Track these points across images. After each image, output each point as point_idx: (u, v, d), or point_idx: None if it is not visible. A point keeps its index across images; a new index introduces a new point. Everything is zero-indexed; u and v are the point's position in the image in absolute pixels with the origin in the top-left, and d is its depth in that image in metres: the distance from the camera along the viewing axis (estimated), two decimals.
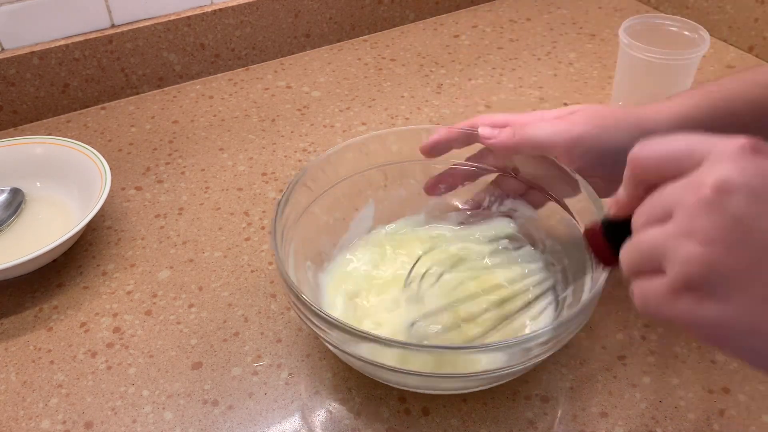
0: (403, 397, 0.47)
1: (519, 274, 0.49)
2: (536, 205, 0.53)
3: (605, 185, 0.47)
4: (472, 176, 0.55)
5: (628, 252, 0.32)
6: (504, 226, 0.54)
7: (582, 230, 0.43)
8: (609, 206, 0.37)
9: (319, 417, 0.46)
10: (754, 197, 0.26)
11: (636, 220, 0.32)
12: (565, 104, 0.77)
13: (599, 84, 0.81)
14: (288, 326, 0.53)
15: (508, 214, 0.54)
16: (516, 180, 0.53)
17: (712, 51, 0.85)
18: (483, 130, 0.49)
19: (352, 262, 0.53)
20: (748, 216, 0.26)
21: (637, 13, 0.94)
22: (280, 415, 0.46)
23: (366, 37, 0.92)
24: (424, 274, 0.47)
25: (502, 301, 0.46)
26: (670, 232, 0.29)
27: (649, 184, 0.31)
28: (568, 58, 0.86)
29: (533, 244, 0.53)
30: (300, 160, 0.70)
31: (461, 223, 0.56)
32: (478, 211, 0.55)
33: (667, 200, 0.30)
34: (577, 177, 0.47)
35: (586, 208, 0.47)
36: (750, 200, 0.26)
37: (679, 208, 0.28)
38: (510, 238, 0.53)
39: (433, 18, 0.96)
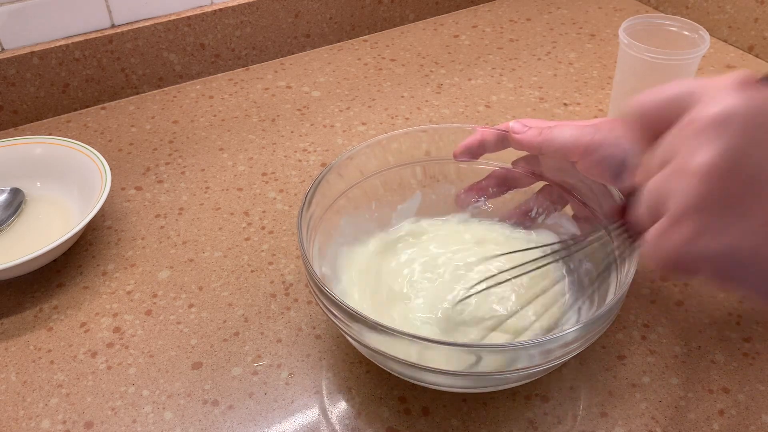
0: (403, 396, 0.47)
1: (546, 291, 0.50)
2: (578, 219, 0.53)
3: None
4: (509, 183, 0.55)
5: (639, 203, 0.32)
6: (547, 240, 0.53)
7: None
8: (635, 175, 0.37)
9: (319, 417, 0.46)
10: (745, 127, 0.27)
11: (645, 173, 0.32)
12: (565, 104, 0.77)
13: (599, 84, 0.81)
14: (288, 326, 0.53)
15: (553, 228, 0.53)
16: (560, 191, 0.53)
17: (712, 51, 0.85)
18: (514, 125, 0.50)
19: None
20: (739, 145, 0.27)
21: (637, 13, 0.94)
22: (280, 415, 0.46)
23: (366, 37, 0.92)
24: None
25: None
26: (669, 171, 0.29)
27: (659, 135, 0.31)
28: (568, 58, 0.86)
29: (570, 262, 0.52)
30: (300, 160, 0.70)
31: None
32: (523, 220, 0.55)
33: (667, 144, 0.30)
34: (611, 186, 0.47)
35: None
36: (741, 130, 0.27)
37: (677, 148, 0.29)
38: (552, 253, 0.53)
39: (433, 18, 0.96)
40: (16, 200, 0.63)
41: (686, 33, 0.69)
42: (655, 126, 0.31)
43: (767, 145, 0.26)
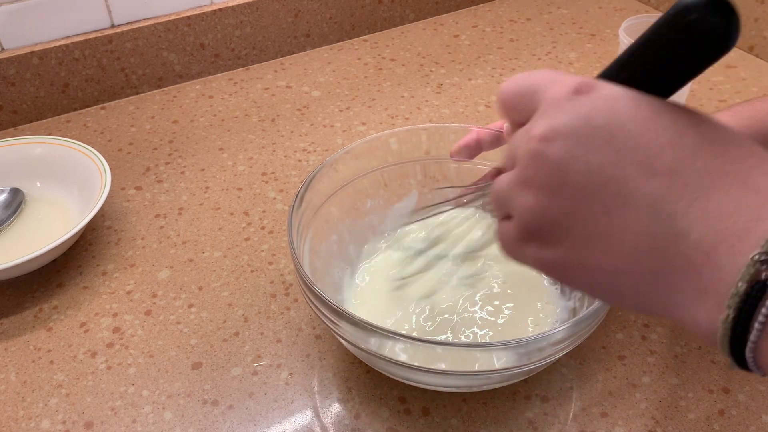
0: (403, 397, 0.47)
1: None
2: None
3: None
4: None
5: (491, 196, 0.33)
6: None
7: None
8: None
9: (319, 417, 0.46)
10: (572, 141, 0.27)
11: (502, 166, 0.33)
12: None
13: None
14: (288, 326, 0.53)
15: None
16: None
17: None
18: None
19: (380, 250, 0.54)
20: (566, 160, 0.27)
21: (637, 13, 0.94)
22: (280, 415, 0.46)
23: (366, 37, 0.92)
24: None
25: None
26: (511, 180, 0.30)
27: (519, 121, 0.32)
28: (568, 58, 0.86)
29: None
30: (300, 160, 0.70)
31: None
32: None
33: (512, 147, 0.31)
34: None
35: None
36: (569, 145, 0.27)
37: (517, 157, 0.30)
38: None
39: (433, 18, 0.96)
40: (16, 200, 0.63)
41: None
42: (512, 113, 0.32)
43: (590, 160, 0.27)
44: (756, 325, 0.24)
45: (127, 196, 0.66)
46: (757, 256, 0.23)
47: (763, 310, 0.23)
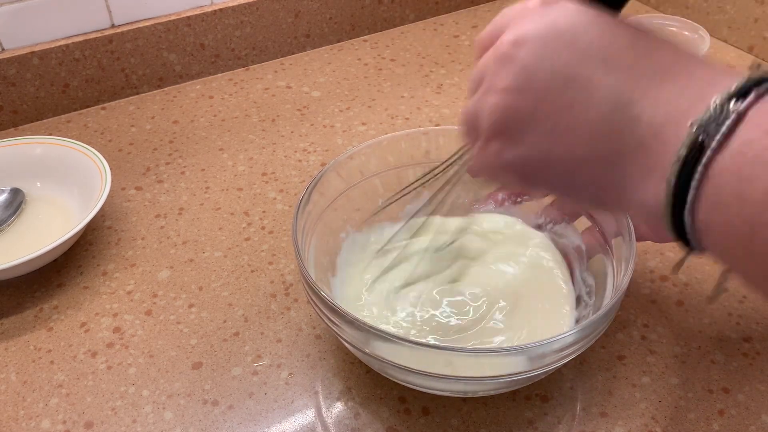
0: (403, 397, 0.47)
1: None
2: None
3: (642, 226, 0.47)
4: (522, 192, 0.54)
5: (459, 125, 0.35)
6: (546, 242, 0.53)
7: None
8: None
9: (319, 417, 0.46)
10: (539, 45, 0.30)
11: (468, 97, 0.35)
12: None
13: None
14: (288, 326, 0.53)
15: (555, 237, 0.53)
16: (571, 203, 0.52)
17: (712, 51, 0.85)
18: None
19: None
20: (533, 62, 0.30)
21: (637, 13, 0.94)
22: (280, 415, 0.46)
23: (366, 37, 0.92)
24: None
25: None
26: (479, 94, 0.32)
27: None
28: None
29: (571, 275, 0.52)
30: (300, 161, 0.70)
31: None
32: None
33: (478, 68, 0.33)
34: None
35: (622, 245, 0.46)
36: (536, 48, 0.30)
37: (485, 71, 0.32)
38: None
39: (433, 18, 0.96)
40: (16, 200, 0.63)
41: (686, 33, 0.70)
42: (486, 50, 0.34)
43: (555, 61, 0.29)
44: (693, 184, 0.25)
45: (128, 196, 0.66)
46: (695, 123, 0.26)
47: (699, 168, 0.25)
